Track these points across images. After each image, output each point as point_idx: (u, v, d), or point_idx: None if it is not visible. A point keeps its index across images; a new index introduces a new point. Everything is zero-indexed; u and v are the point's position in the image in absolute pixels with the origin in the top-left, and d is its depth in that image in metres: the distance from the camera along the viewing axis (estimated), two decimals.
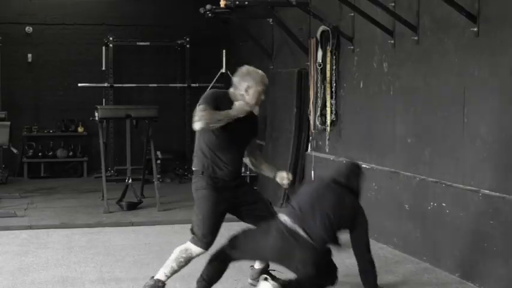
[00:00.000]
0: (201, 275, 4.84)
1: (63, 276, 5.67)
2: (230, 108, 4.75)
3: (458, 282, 5.47)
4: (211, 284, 4.85)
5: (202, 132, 4.82)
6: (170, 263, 4.84)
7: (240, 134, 4.85)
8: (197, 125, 4.65)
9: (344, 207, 4.72)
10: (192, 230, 4.84)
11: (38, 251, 6.53)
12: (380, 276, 5.65)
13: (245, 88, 4.78)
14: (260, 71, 4.89)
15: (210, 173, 4.84)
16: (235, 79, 4.86)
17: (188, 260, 4.83)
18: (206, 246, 4.79)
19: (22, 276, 5.66)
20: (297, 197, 4.92)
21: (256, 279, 5.33)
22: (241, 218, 5.11)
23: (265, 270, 5.33)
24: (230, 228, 6.95)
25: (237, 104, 4.77)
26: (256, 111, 4.90)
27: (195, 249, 4.79)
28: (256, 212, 4.99)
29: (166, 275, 4.84)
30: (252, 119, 4.93)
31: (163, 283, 4.85)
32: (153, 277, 4.89)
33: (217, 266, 4.85)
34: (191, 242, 4.81)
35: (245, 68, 4.90)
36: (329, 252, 4.78)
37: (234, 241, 4.87)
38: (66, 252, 6.49)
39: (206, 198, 4.80)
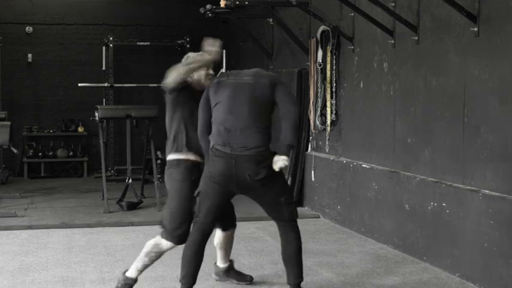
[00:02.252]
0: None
1: (63, 276, 5.67)
2: None
3: (458, 282, 5.47)
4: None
5: None
6: None
7: None
8: None
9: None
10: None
11: (38, 251, 6.53)
12: (380, 276, 5.68)
13: None
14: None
15: None
16: None
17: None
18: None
19: (22, 276, 5.66)
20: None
21: (221, 276, 5.46)
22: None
23: (231, 267, 5.47)
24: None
25: None
26: None
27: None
28: None
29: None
30: None
31: (135, 280, 4.97)
32: (125, 272, 5.00)
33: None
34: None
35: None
36: None
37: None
38: (66, 252, 6.49)
39: None
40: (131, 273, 4.97)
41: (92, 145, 12.19)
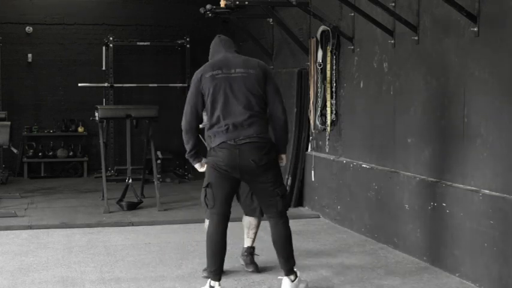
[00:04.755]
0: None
1: (63, 276, 5.67)
2: None
3: (458, 282, 5.47)
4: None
5: None
6: None
7: None
8: None
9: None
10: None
11: (38, 251, 6.53)
12: (380, 276, 5.68)
13: None
14: None
15: None
16: None
17: None
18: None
19: (22, 276, 5.66)
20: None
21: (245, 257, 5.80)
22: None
23: (250, 251, 5.82)
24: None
25: None
26: None
27: None
28: None
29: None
30: None
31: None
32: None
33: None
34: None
35: None
36: None
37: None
38: (66, 252, 6.49)
39: None
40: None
41: (92, 145, 12.19)
